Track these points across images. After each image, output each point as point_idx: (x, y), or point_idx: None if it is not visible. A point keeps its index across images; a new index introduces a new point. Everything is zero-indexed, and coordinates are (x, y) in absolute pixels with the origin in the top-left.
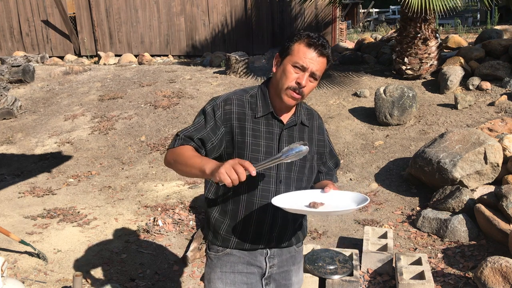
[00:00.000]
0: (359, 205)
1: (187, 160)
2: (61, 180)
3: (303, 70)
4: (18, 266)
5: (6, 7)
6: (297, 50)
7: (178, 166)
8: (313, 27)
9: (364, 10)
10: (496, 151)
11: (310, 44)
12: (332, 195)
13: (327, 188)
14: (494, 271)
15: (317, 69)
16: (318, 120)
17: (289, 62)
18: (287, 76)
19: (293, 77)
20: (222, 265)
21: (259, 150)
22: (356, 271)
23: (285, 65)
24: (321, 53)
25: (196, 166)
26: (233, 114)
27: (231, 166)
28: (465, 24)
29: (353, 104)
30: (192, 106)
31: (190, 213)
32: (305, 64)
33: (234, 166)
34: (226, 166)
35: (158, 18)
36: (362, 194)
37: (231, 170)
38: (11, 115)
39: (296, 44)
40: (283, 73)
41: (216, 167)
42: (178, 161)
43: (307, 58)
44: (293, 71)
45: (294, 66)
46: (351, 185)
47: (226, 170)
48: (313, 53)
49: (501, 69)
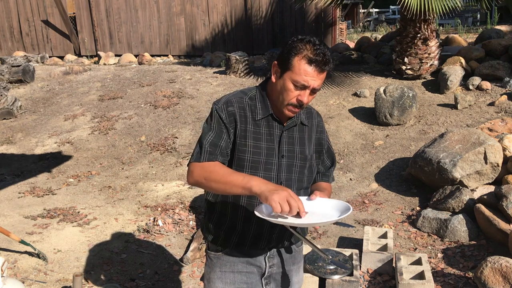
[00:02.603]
0: (341, 216)
1: (225, 178)
2: (61, 180)
3: (304, 88)
4: (18, 266)
5: (6, 7)
6: (298, 67)
7: (212, 184)
8: (313, 27)
9: (364, 10)
10: (496, 151)
11: (311, 61)
12: (317, 203)
13: (313, 195)
14: (494, 271)
15: (318, 85)
16: (317, 118)
17: (289, 78)
18: (288, 94)
19: (294, 95)
20: (221, 265)
21: (260, 153)
22: (356, 271)
23: (285, 80)
24: (322, 70)
25: (238, 184)
26: (236, 115)
27: (285, 198)
28: (465, 24)
29: (353, 104)
30: (192, 106)
31: (190, 213)
32: (307, 83)
33: (288, 199)
34: (281, 195)
35: (158, 18)
36: (345, 203)
37: (285, 202)
38: (11, 115)
39: (297, 59)
40: (283, 88)
41: (268, 189)
42: (211, 179)
43: (308, 76)
44: (294, 89)
45: (294, 85)
46: (351, 185)
47: (280, 200)
48: (314, 71)
49: (501, 69)
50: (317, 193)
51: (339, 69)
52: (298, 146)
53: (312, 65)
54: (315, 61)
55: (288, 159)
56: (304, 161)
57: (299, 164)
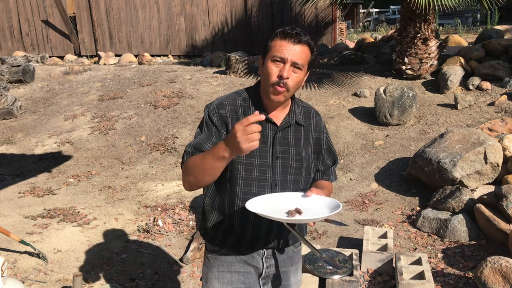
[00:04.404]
0: (330, 213)
1: (202, 165)
2: (61, 180)
3: (283, 62)
4: (18, 266)
5: (6, 7)
6: (274, 45)
7: (199, 177)
8: (313, 27)
9: (364, 10)
10: (496, 151)
11: (285, 35)
12: (309, 200)
13: (309, 192)
14: (494, 271)
15: (298, 58)
16: (316, 118)
17: (269, 58)
18: (270, 73)
19: (275, 72)
20: (219, 265)
21: (253, 155)
22: (356, 271)
23: (266, 63)
24: (299, 41)
25: (213, 162)
26: (227, 118)
27: (242, 134)
28: (465, 24)
29: (353, 104)
30: (192, 106)
31: (190, 213)
32: (283, 55)
33: (245, 132)
34: (240, 137)
35: (158, 18)
36: (335, 201)
37: (248, 140)
38: (11, 115)
39: (273, 40)
40: (266, 70)
41: (230, 145)
42: (194, 173)
43: (284, 49)
44: (274, 66)
45: (273, 61)
46: (351, 185)
47: (242, 140)
48: (289, 43)
49: (501, 69)
50: (314, 190)
51: (339, 69)
52: (294, 147)
53: (287, 39)
54: (288, 34)
55: (283, 160)
56: (300, 162)
57: (295, 165)
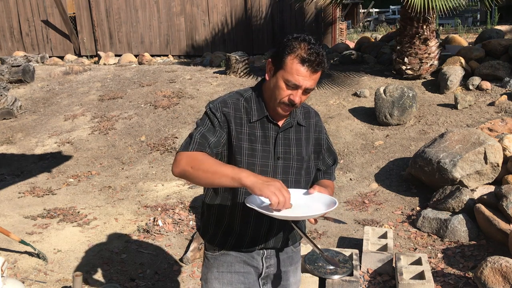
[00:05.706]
0: (326, 210)
1: (214, 168)
2: (61, 180)
3: (296, 88)
4: (18, 266)
5: (6, 7)
6: (290, 66)
7: (200, 174)
8: (313, 27)
9: (364, 10)
10: (496, 151)
11: (304, 61)
12: (307, 197)
13: (311, 189)
14: (494, 271)
15: (310, 85)
16: (315, 118)
17: (281, 77)
18: (280, 92)
19: (286, 94)
20: (219, 265)
21: (255, 155)
22: (356, 271)
23: (277, 78)
24: (315, 70)
25: (227, 175)
26: (230, 117)
27: (279, 189)
28: (465, 24)
29: (353, 104)
30: (192, 106)
31: (190, 213)
32: (298, 82)
33: (281, 190)
34: (276, 186)
35: (158, 18)
36: (332, 198)
37: (280, 193)
38: (11, 115)
39: (290, 58)
40: (276, 87)
41: (261, 181)
42: (199, 168)
43: (300, 76)
44: (286, 88)
45: (286, 84)
46: (351, 185)
47: (276, 191)
48: (306, 71)
49: (501, 69)
50: (316, 187)
51: (339, 69)
52: (295, 148)
53: (305, 65)
54: (308, 61)
55: (284, 161)
56: (301, 162)
57: (296, 165)
